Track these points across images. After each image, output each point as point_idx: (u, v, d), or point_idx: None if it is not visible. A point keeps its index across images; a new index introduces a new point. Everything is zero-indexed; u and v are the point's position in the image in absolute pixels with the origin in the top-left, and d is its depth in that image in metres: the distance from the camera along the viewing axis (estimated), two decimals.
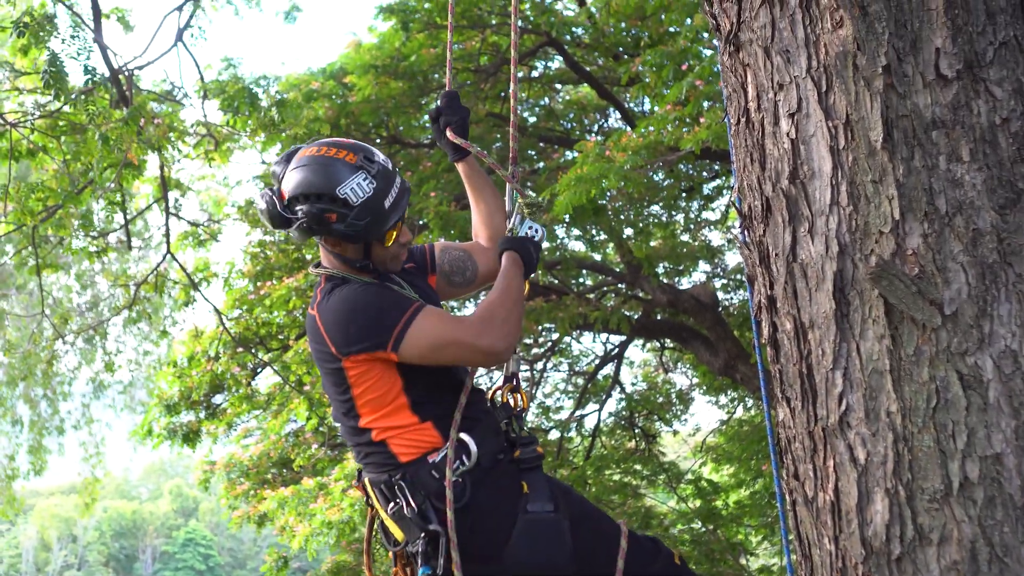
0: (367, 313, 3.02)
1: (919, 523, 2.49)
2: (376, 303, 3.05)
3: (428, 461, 3.02)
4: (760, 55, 2.86)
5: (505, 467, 3.11)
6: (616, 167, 7.37)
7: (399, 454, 3.05)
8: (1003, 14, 2.63)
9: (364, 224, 3.09)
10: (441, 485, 2.98)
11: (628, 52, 10.66)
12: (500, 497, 3.04)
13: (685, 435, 15.48)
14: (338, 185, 3.07)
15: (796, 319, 2.74)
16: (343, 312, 3.05)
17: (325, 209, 3.07)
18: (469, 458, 3.01)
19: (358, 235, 3.11)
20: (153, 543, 67.90)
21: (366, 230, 3.11)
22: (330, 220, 3.08)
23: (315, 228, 3.11)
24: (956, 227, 2.53)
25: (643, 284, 11.38)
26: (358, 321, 3.02)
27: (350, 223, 3.09)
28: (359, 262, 3.18)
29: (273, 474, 11.52)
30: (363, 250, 3.17)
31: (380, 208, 3.11)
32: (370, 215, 3.09)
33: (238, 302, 11.21)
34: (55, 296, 15.97)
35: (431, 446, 3.04)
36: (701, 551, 12.01)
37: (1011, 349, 2.48)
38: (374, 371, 3.04)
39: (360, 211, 3.08)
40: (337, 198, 3.07)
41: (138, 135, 7.67)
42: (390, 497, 3.05)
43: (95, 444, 18.49)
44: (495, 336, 3.02)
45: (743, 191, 2.97)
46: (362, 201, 3.08)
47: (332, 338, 3.03)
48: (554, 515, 3.03)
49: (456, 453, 3.01)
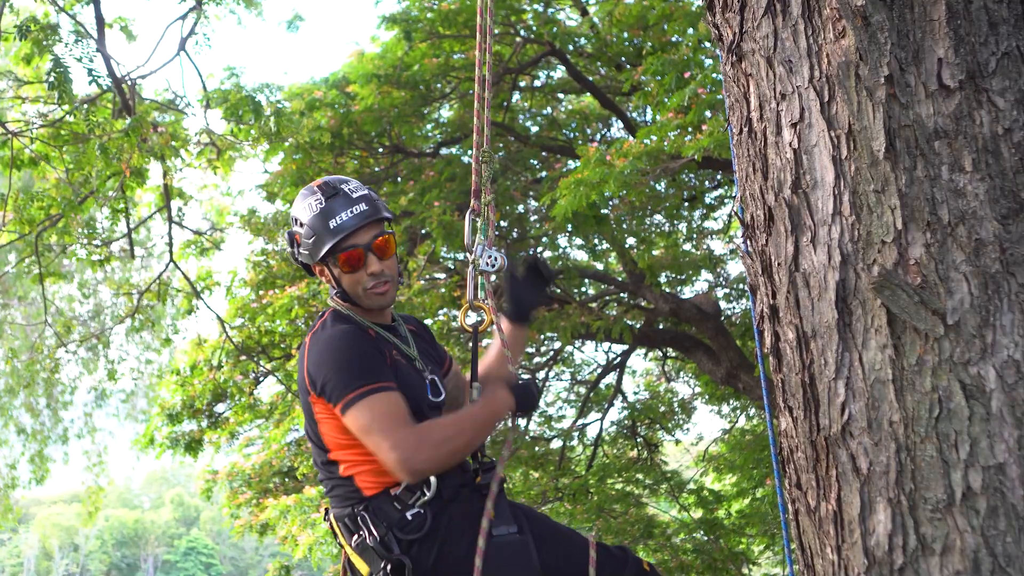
0: (334, 366, 3.02)
1: (922, 533, 2.49)
2: (347, 359, 3.04)
3: (391, 493, 3.03)
4: (763, 65, 2.86)
5: (467, 495, 3.12)
6: (617, 172, 7.38)
7: (363, 488, 3.07)
8: (1005, 24, 2.63)
9: (312, 242, 3.16)
10: (403, 515, 3.00)
11: (630, 62, 10.68)
12: (464, 524, 3.04)
13: (687, 444, 15.46)
14: (295, 205, 3.24)
15: (799, 328, 2.74)
16: (321, 352, 3.07)
17: (293, 232, 3.23)
18: (429, 489, 3.02)
19: (311, 255, 3.17)
20: (155, 552, 67.89)
21: (314, 248, 3.15)
22: (297, 242, 3.21)
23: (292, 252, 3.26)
24: (958, 237, 2.53)
25: (645, 293, 11.38)
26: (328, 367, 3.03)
27: (303, 242, 3.18)
28: (335, 290, 3.24)
29: (275, 483, 11.51)
30: (332, 277, 3.21)
31: (324, 226, 3.13)
32: (314, 233, 3.15)
33: (240, 311, 11.21)
34: (57, 305, 15.97)
35: (394, 480, 3.04)
36: (703, 561, 11.99)
37: (1014, 359, 2.48)
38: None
39: (307, 230, 3.17)
40: (296, 219, 3.21)
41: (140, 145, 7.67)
42: (353, 530, 3.06)
43: (97, 453, 18.49)
44: (417, 455, 2.92)
45: (745, 201, 2.98)
46: (309, 219, 3.16)
47: (308, 371, 3.07)
48: (519, 536, 3.05)
49: (415, 485, 3.02)
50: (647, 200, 10.42)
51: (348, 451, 3.07)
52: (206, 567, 66.41)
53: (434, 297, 10.39)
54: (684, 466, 15.13)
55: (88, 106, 7.87)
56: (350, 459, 3.07)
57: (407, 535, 3.00)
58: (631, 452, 13.87)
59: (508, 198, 10.56)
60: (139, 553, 67.94)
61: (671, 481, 13.48)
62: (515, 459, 11.86)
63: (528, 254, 3.34)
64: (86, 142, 8.01)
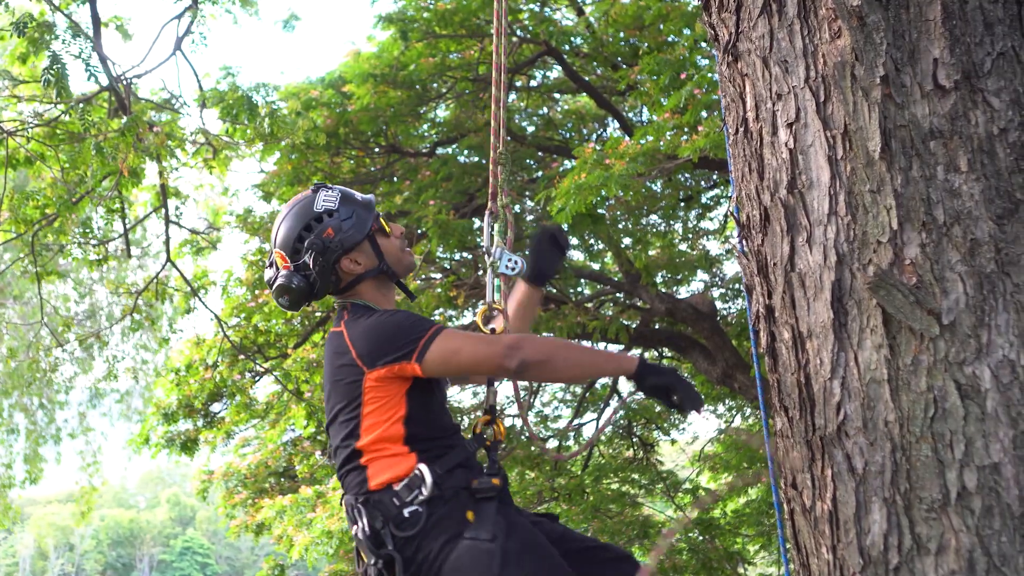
0: (396, 328, 3.12)
1: (917, 532, 2.49)
2: (405, 319, 3.16)
3: (393, 489, 3.07)
4: (758, 65, 2.87)
5: (464, 497, 3.13)
6: (616, 175, 7.38)
7: (371, 479, 3.10)
8: (1001, 25, 2.63)
9: (354, 218, 3.27)
10: (400, 512, 3.03)
11: (627, 62, 10.68)
12: (445, 524, 3.06)
13: (683, 444, 15.46)
14: (312, 207, 3.28)
15: (794, 328, 2.74)
16: (374, 327, 3.15)
17: (320, 231, 3.24)
18: (426, 488, 3.04)
19: (359, 229, 3.26)
20: (150, 552, 67.81)
21: (360, 222, 3.27)
22: (330, 236, 3.24)
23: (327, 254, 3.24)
24: (954, 237, 2.53)
25: (641, 293, 11.38)
26: (388, 333, 3.12)
27: (343, 224, 3.25)
28: (377, 267, 3.30)
29: (271, 483, 11.50)
30: (374, 250, 3.29)
31: (355, 201, 3.30)
32: (352, 209, 3.27)
33: (236, 310, 11.20)
34: (53, 305, 15.95)
35: (401, 476, 3.08)
36: (699, 560, 12.00)
37: (1009, 359, 2.48)
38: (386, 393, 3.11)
39: (343, 210, 3.27)
40: (321, 215, 3.26)
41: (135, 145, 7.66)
42: (356, 520, 3.10)
43: (92, 453, 18.47)
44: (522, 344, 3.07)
45: (741, 201, 2.98)
46: (338, 203, 3.27)
47: (360, 350, 3.12)
48: (490, 544, 3.03)
49: (415, 482, 3.06)
50: (643, 200, 10.42)
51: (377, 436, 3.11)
52: (202, 567, 66.35)
53: (430, 297, 10.38)
54: (680, 466, 15.13)
55: (84, 105, 7.85)
56: (375, 449, 3.11)
57: (402, 531, 3.02)
58: (627, 452, 13.86)
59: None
60: (135, 553, 67.86)
61: (667, 481, 13.48)
62: (511, 459, 11.85)
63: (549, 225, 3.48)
64: (82, 142, 7.99)
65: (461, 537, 3.03)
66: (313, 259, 3.23)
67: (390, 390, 3.11)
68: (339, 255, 3.25)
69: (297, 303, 3.31)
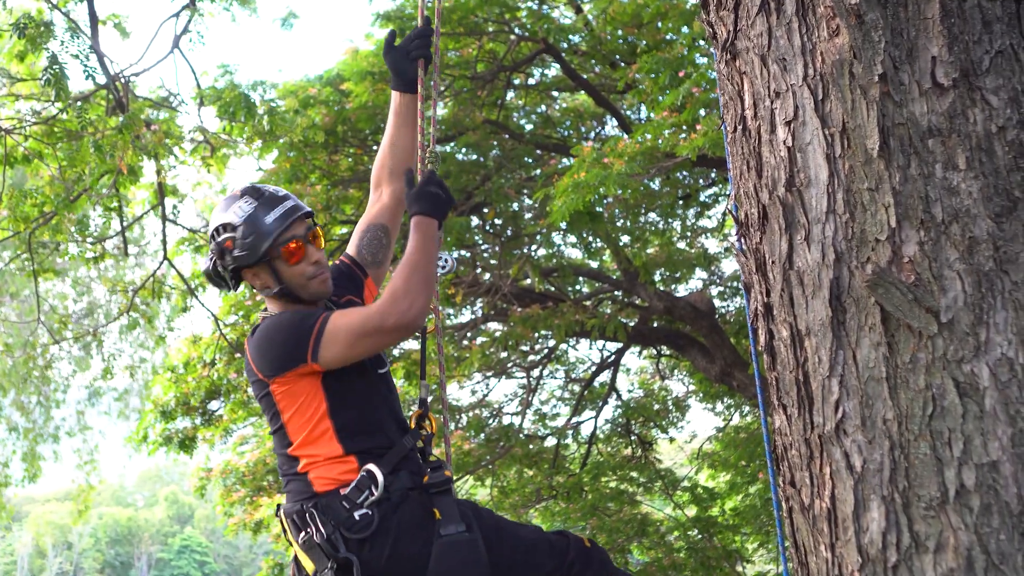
0: (281, 333, 3.13)
1: (915, 530, 2.49)
2: (288, 322, 3.16)
3: (340, 493, 3.07)
4: (757, 63, 2.87)
5: (415, 497, 3.15)
6: (614, 173, 7.38)
7: (316, 484, 3.11)
8: (999, 23, 2.63)
9: (250, 241, 3.20)
10: (351, 515, 3.03)
11: (625, 59, 10.67)
12: (414, 524, 3.08)
13: (681, 442, 15.47)
14: (221, 214, 3.27)
15: (793, 326, 2.74)
16: (263, 338, 3.17)
17: (223, 240, 3.24)
18: (377, 488, 3.05)
19: (252, 253, 3.21)
20: (148, 550, 67.80)
21: (253, 247, 3.20)
22: (229, 248, 3.23)
23: (221, 263, 3.26)
24: (952, 235, 2.53)
25: (640, 291, 11.39)
26: (276, 341, 3.13)
27: (239, 243, 3.21)
28: (276, 288, 3.27)
29: (269, 481, 11.50)
30: (272, 274, 3.25)
31: (261, 223, 3.21)
32: (253, 231, 3.20)
33: (235, 308, 11.20)
34: (50, 303, 15.94)
35: (348, 479, 3.09)
36: (697, 558, 12.01)
37: (1007, 357, 2.48)
38: (299, 393, 3.13)
39: (244, 229, 3.21)
40: (227, 224, 3.24)
41: (133, 143, 7.66)
42: (301, 526, 3.09)
43: (89, 451, 18.46)
44: (400, 312, 3.06)
45: (740, 199, 2.98)
46: (243, 220, 3.22)
47: (258, 364, 3.16)
48: (468, 535, 3.07)
49: (364, 484, 3.06)
50: (642, 198, 10.42)
51: (307, 440, 3.12)
52: (200, 565, 66.34)
53: None
54: (678, 464, 15.15)
55: (82, 103, 7.85)
56: (309, 452, 3.12)
57: (354, 534, 3.02)
58: (625, 450, 13.87)
59: (502, 196, 10.55)
60: (133, 551, 67.84)
61: (665, 479, 13.49)
62: (509, 457, 11.86)
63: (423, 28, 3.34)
64: (80, 140, 7.99)
65: (437, 536, 3.05)
66: (214, 262, 3.28)
67: (302, 388, 3.13)
68: (237, 266, 3.25)
69: (216, 287, 3.38)
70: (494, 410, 13.08)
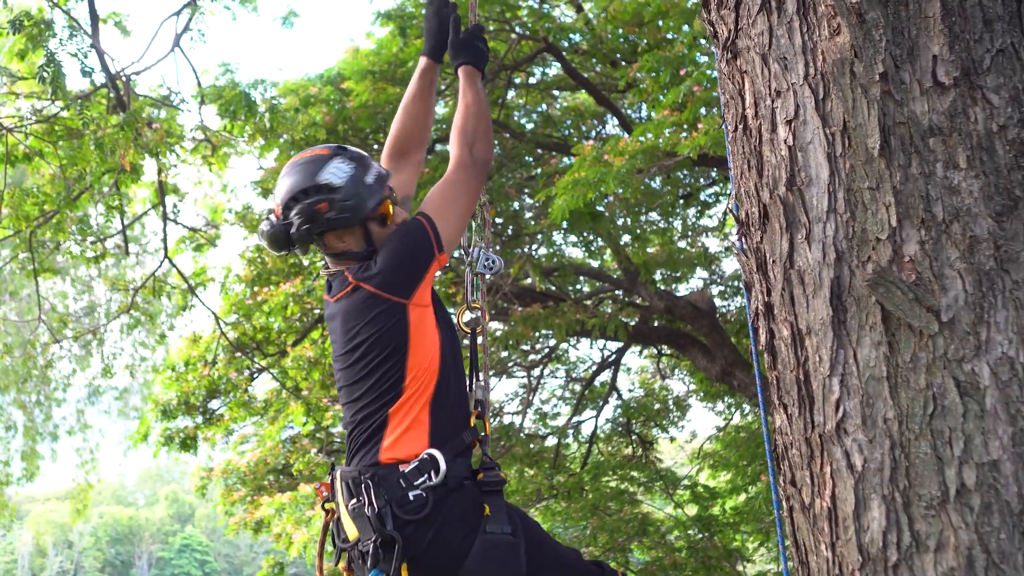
0: (403, 243, 3.16)
1: (916, 530, 2.49)
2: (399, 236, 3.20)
3: (399, 469, 3.04)
4: (758, 62, 2.86)
5: (469, 488, 3.14)
6: (614, 171, 7.38)
7: (384, 451, 3.07)
8: (1000, 21, 2.63)
9: (354, 203, 3.20)
10: (405, 494, 3.01)
11: (626, 58, 10.67)
12: (463, 514, 3.07)
13: (682, 441, 15.47)
14: (318, 174, 3.21)
15: (793, 326, 2.74)
16: (387, 258, 3.14)
17: (315, 201, 3.18)
18: (437, 474, 3.03)
19: (353, 215, 3.20)
20: (149, 549, 67.83)
21: (357, 208, 3.20)
22: (322, 211, 3.18)
23: (312, 226, 3.19)
24: (953, 234, 2.53)
25: (640, 291, 11.39)
26: (404, 251, 3.14)
27: (340, 206, 3.19)
28: (364, 250, 3.24)
29: (270, 481, 11.50)
30: (364, 235, 3.24)
31: (363, 184, 3.23)
32: (356, 193, 3.20)
33: (235, 307, 11.20)
34: (51, 302, 15.94)
35: (411, 455, 3.06)
36: (698, 558, 12.00)
37: (1008, 356, 2.48)
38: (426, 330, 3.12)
39: (346, 191, 3.20)
40: (322, 186, 3.19)
41: (134, 141, 7.66)
42: (355, 493, 3.06)
43: (89, 450, 18.46)
44: (478, 163, 3.27)
45: (740, 198, 2.98)
46: (345, 181, 3.20)
47: (392, 286, 3.10)
48: (511, 538, 3.07)
49: (425, 467, 3.04)
50: (642, 197, 10.41)
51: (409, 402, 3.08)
52: (201, 564, 66.36)
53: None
54: (679, 463, 15.14)
55: (82, 101, 7.84)
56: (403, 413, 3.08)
57: (405, 514, 3.00)
58: (626, 449, 13.86)
59: (503, 195, 10.55)
60: (133, 550, 67.86)
61: (666, 478, 13.48)
62: (510, 456, 11.85)
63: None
64: (81, 138, 7.99)
65: (481, 531, 3.04)
66: (299, 224, 3.19)
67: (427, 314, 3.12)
68: (324, 230, 3.21)
69: (279, 248, 3.30)
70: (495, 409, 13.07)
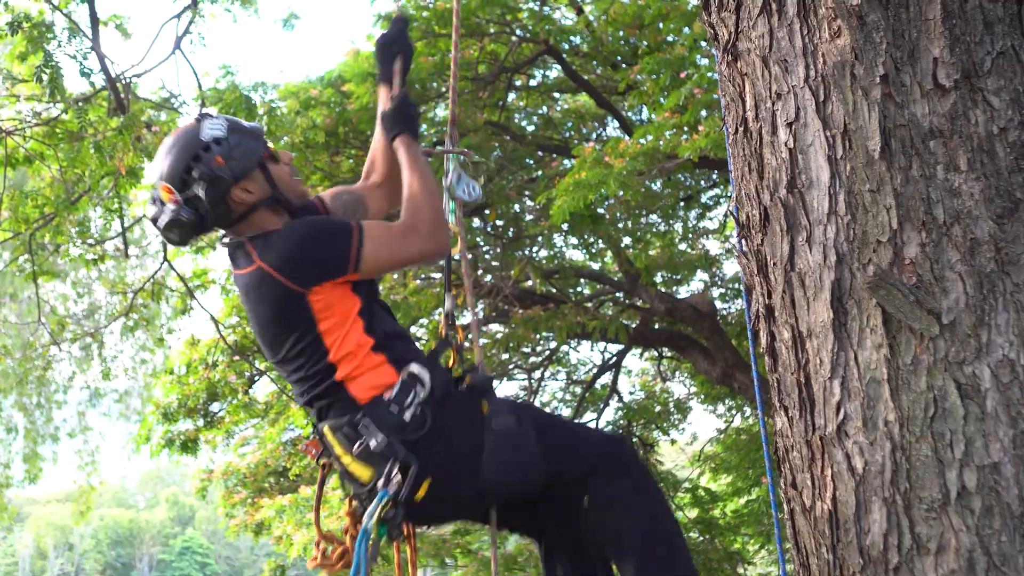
0: (320, 239, 3.04)
1: (917, 532, 2.49)
2: (322, 226, 3.09)
3: (384, 399, 3.00)
4: (758, 64, 2.86)
5: (462, 394, 3.12)
6: (615, 173, 7.38)
7: (357, 395, 3.02)
8: (1001, 24, 2.63)
9: (245, 145, 3.14)
10: (400, 417, 2.97)
11: (626, 61, 10.67)
12: (464, 420, 3.05)
13: (683, 444, 15.46)
14: (198, 136, 3.13)
15: (794, 328, 2.74)
16: (294, 246, 3.03)
17: (209, 160, 3.09)
18: (424, 387, 3.00)
19: (252, 154, 3.14)
20: (150, 551, 67.83)
21: (251, 148, 3.14)
22: (220, 165, 3.09)
23: (216, 185, 3.09)
24: (954, 236, 2.53)
25: (641, 293, 11.38)
26: (316, 249, 3.02)
27: (234, 152, 3.11)
28: (271, 195, 3.17)
29: (270, 483, 11.50)
30: (266, 178, 3.17)
31: (242, 128, 3.17)
32: (241, 137, 3.14)
33: (236, 310, 11.20)
34: (51, 304, 15.93)
35: (386, 385, 3.02)
36: (698, 560, 11.99)
37: (1009, 358, 2.48)
38: (336, 303, 3.04)
39: (232, 139, 3.12)
40: (208, 143, 3.11)
41: (134, 144, 7.66)
42: (354, 437, 3.01)
43: (90, 452, 18.45)
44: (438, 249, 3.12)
45: (741, 200, 2.98)
46: (226, 131, 3.13)
47: (291, 276, 3.01)
48: (518, 427, 3.04)
49: (409, 385, 3.00)
50: (643, 199, 10.41)
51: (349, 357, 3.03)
52: (201, 567, 66.35)
53: (429, 296, 10.37)
54: (679, 466, 15.14)
55: (82, 104, 7.85)
56: (349, 366, 3.03)
57: (409, 435, 2.96)
58: None
59: (503, 197, 10.55)
60: (134, 552, 67.87)
61: (667, 481, 13.47)
62: None
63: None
64: (80, 141, 7.99)
65: (487, 430, 3.01)
66: (204, 190, 3.08)
67: (338, 296, 3.04)
68: (230, 184, 3.11)
69: (187, 237, 3.18)
70: None
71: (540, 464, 3.04)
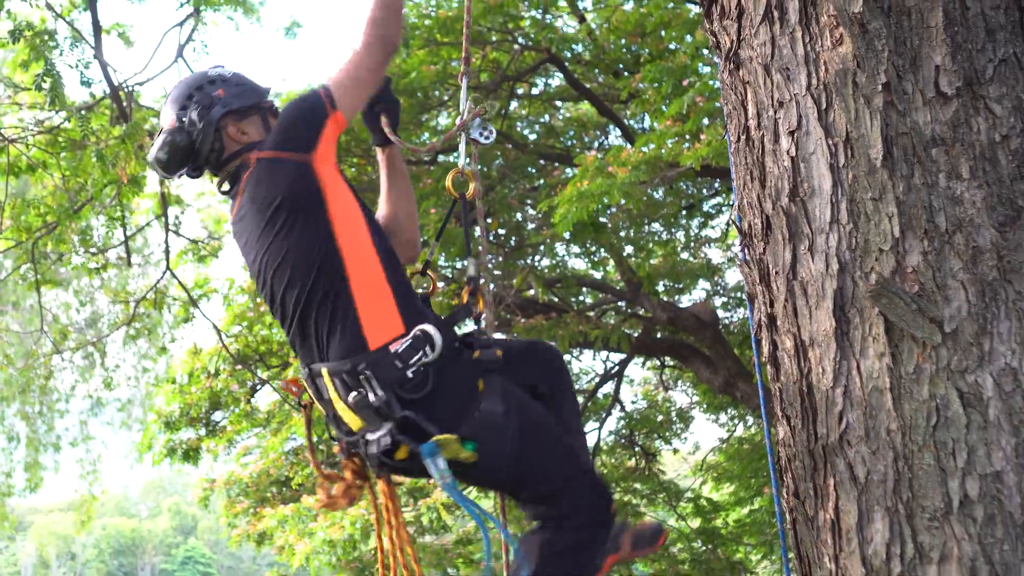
0: (294, 104, 3.10)
1: (919, 541, 2.48)
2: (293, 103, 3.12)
3: (391, 351, 2.95)
4: (760, 73, 2.86)
5: (466, 363, 3.08)
6: (619, 183, 7.37)
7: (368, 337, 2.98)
8: (1003, 31, 2.63)
9: (247, 87, 3.21)
10: (403, 375, 2.93)
11: (628, 69, 10.68)
12: (458, 389, 3.01)
13: (685, 453, 15.44)
14: (205, 73, 3.25)
15: (796, 337, 2.73)
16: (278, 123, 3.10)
17: (211, 90, 3.17)
18: (433, 349, 2.96)
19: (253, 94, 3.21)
20: (152, 561, 67.76)
21: (254, 88, 3.23)
22: (220, 96, 3.16)
23: (212, 110, 3.14)
24: (956, 245, 2.53)
25: (643, 302, 11.37)
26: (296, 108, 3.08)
27: (236, 89, 3.19)
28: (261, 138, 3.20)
29: (273, 492, 11.48)
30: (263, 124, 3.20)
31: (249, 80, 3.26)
32: (247, 79, 3.24)
33: (238, 319, 11.20)
34: (53, 313, 15.93)
35: (396, 333, 2.98)
36: (701, 570, 11.98)
37: (1011, 367, 2.47)
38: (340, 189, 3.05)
39: (237, 77, 3.23)
40: (213, 77, 3.22)
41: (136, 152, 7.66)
42: (352, 386, 2.97)
43: (92, 462, 18.44)
44: (385, 40, 3.12)
45: (743, 209, 2.97)
46: (232, 73, 3.25)
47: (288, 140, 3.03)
48: (504, 418, 2.99)
49: (419, 343, 2.96)
50: (645, 208, 10.41)
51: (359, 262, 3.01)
52: None
53: (432, 304, 10.36)
54: (682, 475, 15.12)
55: (85, 113, 7.85)
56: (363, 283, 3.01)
57: (406, 393, 2.94)
58: (629, 461, 13.84)
59: (506, 206, 10.55)
60: (136, 562, 67.79)
61: (669, 490, 13.46)
62: None
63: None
64: (83, 149, 7.99)
65: (477, 408, 2.98)
66: (199, 113, 3.13)
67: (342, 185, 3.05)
68: (225, 115, 3.15)
69: (174, 162, 3.19)
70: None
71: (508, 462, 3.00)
